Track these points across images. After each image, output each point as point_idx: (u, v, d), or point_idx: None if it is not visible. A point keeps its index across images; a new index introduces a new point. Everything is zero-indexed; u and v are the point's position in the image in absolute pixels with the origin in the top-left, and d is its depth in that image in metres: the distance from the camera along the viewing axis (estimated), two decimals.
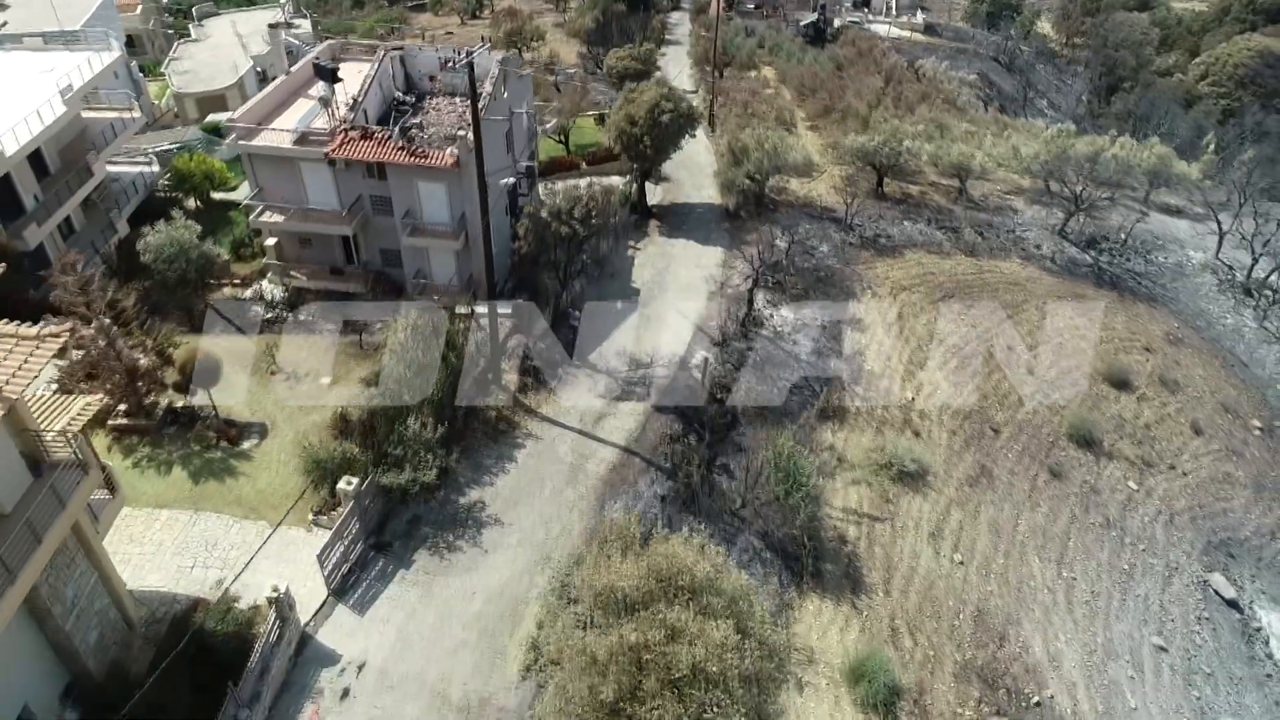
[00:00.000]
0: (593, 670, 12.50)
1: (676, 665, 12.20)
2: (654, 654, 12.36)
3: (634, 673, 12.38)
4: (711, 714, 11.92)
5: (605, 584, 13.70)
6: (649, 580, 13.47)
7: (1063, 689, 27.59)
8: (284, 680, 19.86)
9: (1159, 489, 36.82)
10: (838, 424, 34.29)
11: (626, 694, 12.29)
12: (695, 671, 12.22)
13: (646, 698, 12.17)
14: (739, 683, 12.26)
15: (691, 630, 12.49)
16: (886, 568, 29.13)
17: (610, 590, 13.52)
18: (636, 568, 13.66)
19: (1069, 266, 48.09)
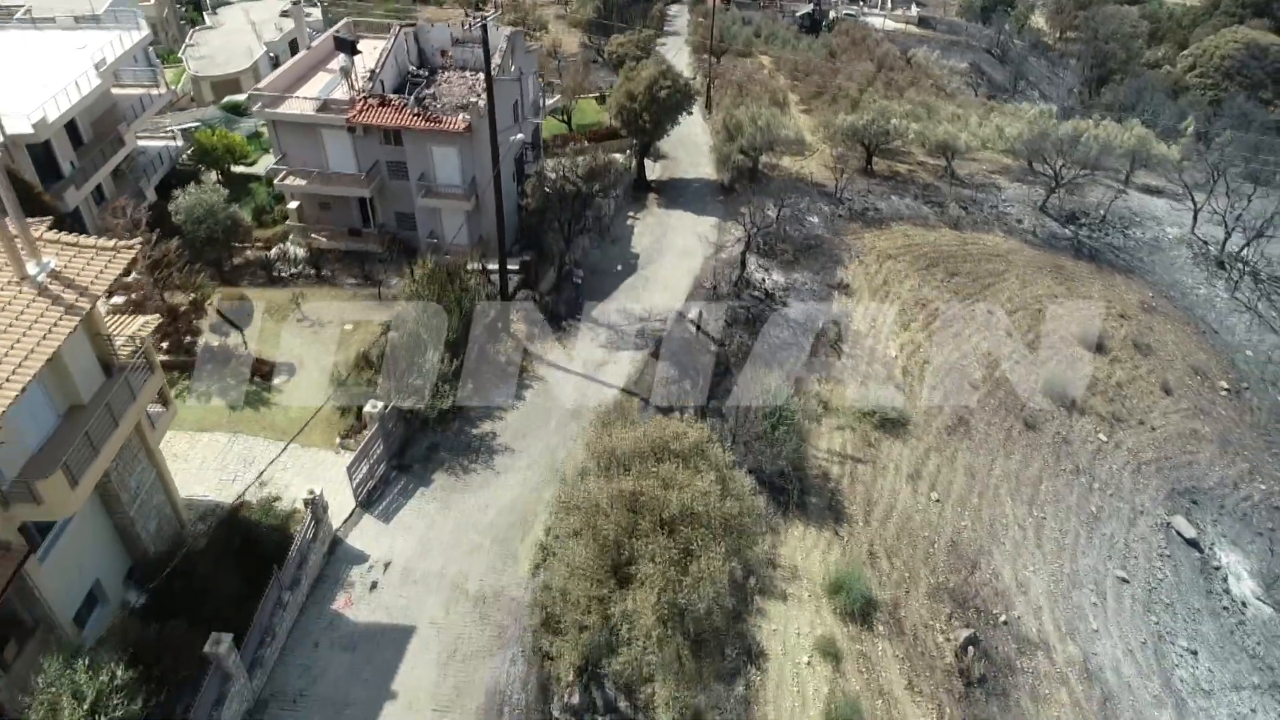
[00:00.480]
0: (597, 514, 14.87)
1: (668, 507, 14.57)
2: (648, 499, 14.72)
3: (631, 515, 14.74)
4: (697, 547, 14.27)
5: (605, 446, 16.07)
6: (644, 443, 15.84)
7: (1029, 611, 29.93)
8: (318, 574, 22.25)
9: (1128, 441, 39.21)
10: (824, 375, 36.65)
11: (625, 532, 14.65)
12: (683, 513, 14.58)
13: (642, 535, 14.53)
14: (721, 524, 14.61)
15: (681, 480, 14.84)
16: (867, 502, 31.47)
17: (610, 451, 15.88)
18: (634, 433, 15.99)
19: (1049, 240, 50.51)
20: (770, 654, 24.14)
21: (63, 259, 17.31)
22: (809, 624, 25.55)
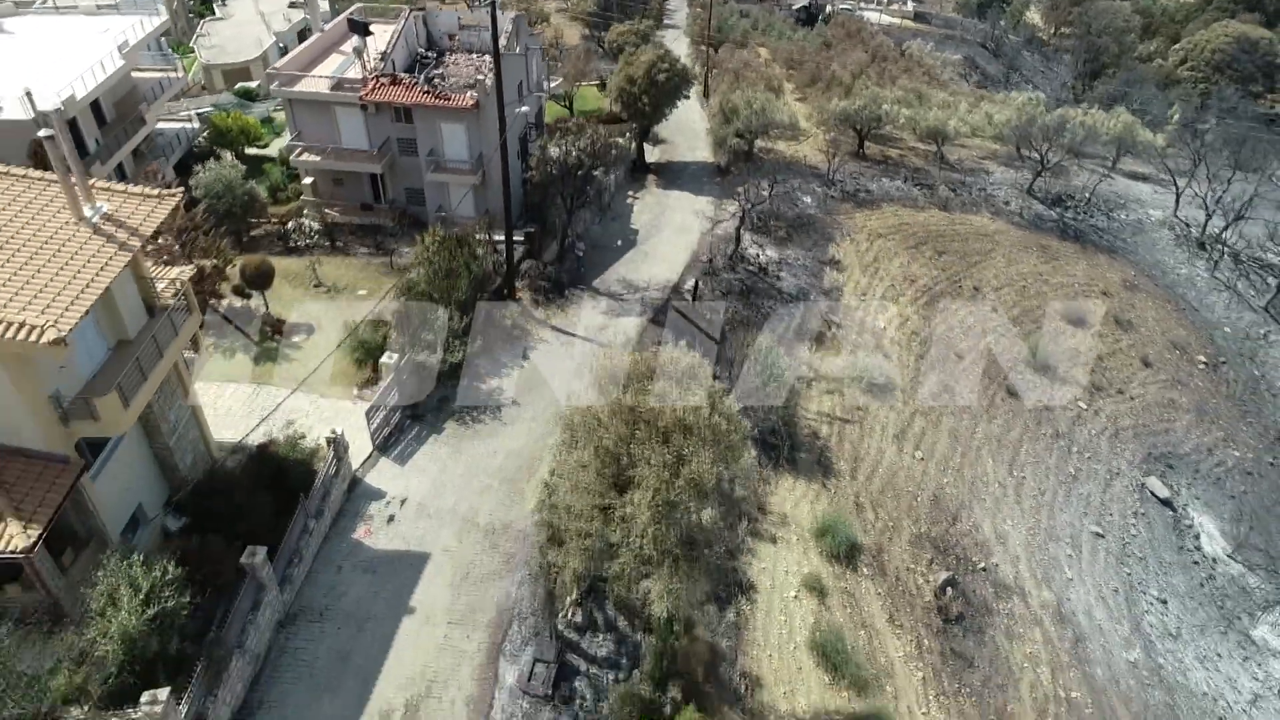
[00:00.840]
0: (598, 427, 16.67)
1: (662, 419, 16.36)
2: (645, 412, 16.51)
3: (629, 427, 16.54)
4: (688, 453, 16.06)
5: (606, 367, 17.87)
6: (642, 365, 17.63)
7: (1007, 560, 31.74)
8: (340, 508, 24.05)
9: (1107, 409, 41.02)
10: (815, 344, 38.46)
11: (624, 441, 16.44)
12: (676, 424, 16.38)
13: (639, 443, 16.33)
14: (710, 434, 16.39)
15: (673, 395, 16.64)
16: (854, 459, 33.27)
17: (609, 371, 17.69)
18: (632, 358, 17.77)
19: (1035, 221, 52.31)
20: (759, 588, 25.97)
21: (114, 204, 19.12)
22: (796, 563, 27.35)
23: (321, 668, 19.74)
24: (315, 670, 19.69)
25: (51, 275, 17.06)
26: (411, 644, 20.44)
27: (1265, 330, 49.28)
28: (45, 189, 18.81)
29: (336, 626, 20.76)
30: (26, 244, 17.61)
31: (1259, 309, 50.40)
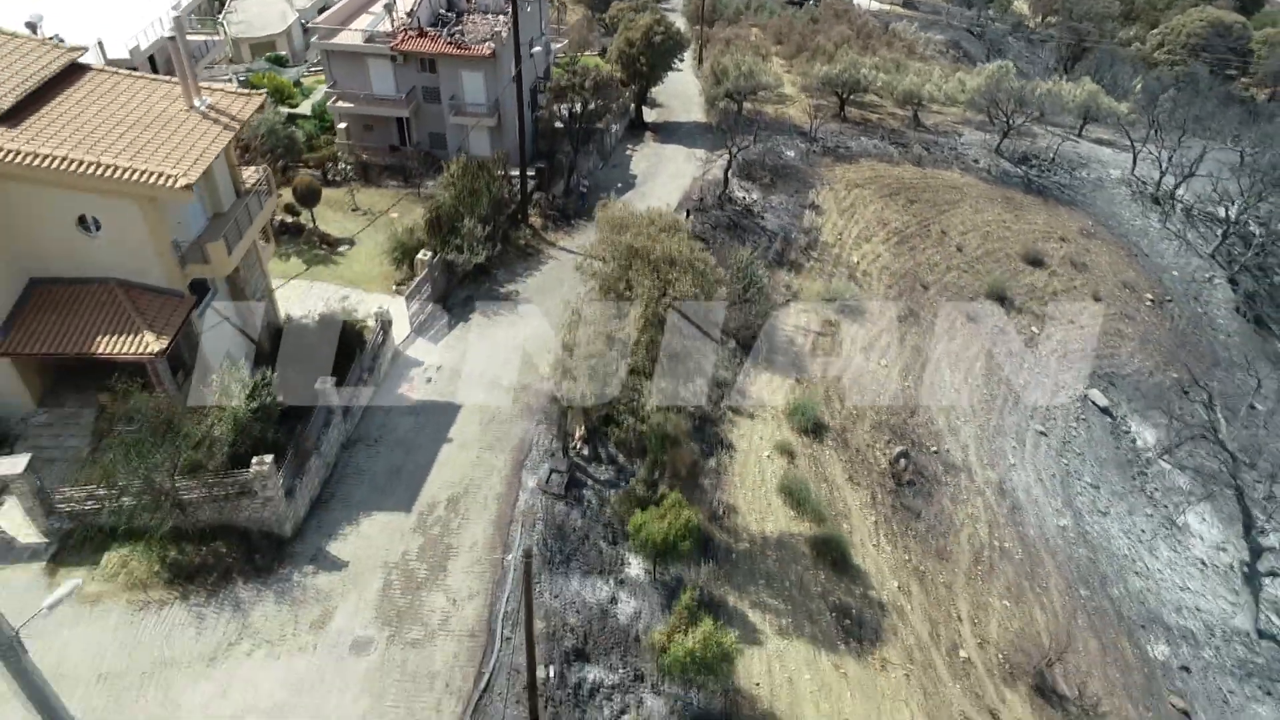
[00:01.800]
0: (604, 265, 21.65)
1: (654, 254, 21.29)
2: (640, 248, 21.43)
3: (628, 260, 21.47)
4: (672, 279, 21.02)
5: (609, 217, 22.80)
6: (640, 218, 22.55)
7: (957, 447, 36.67)
8: (386, 371, 28.99)
9: (1058, 335, 46.01)
10: (794, 272, 43.42)
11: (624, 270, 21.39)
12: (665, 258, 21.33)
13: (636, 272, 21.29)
14: (689, 266, 21.33)
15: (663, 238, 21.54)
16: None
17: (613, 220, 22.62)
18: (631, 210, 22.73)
19: (1002, 177, 57.33)
20: (738, 448, 30.88)
21: (215, 98, 24.13)
22: (770, 433, 32.26)
23: (379, 476, 24.68)
24: (374, 478, 24.62)
25: (174, 146, 22.03)
26: (450, 461, 25.39)
27: (1210, 274, 54.30)
28: (164, 85, 23.82)
29: (389, 449, 25.69)
30: (152, 124, 22.59)
31: (1205, 255, 55.43)
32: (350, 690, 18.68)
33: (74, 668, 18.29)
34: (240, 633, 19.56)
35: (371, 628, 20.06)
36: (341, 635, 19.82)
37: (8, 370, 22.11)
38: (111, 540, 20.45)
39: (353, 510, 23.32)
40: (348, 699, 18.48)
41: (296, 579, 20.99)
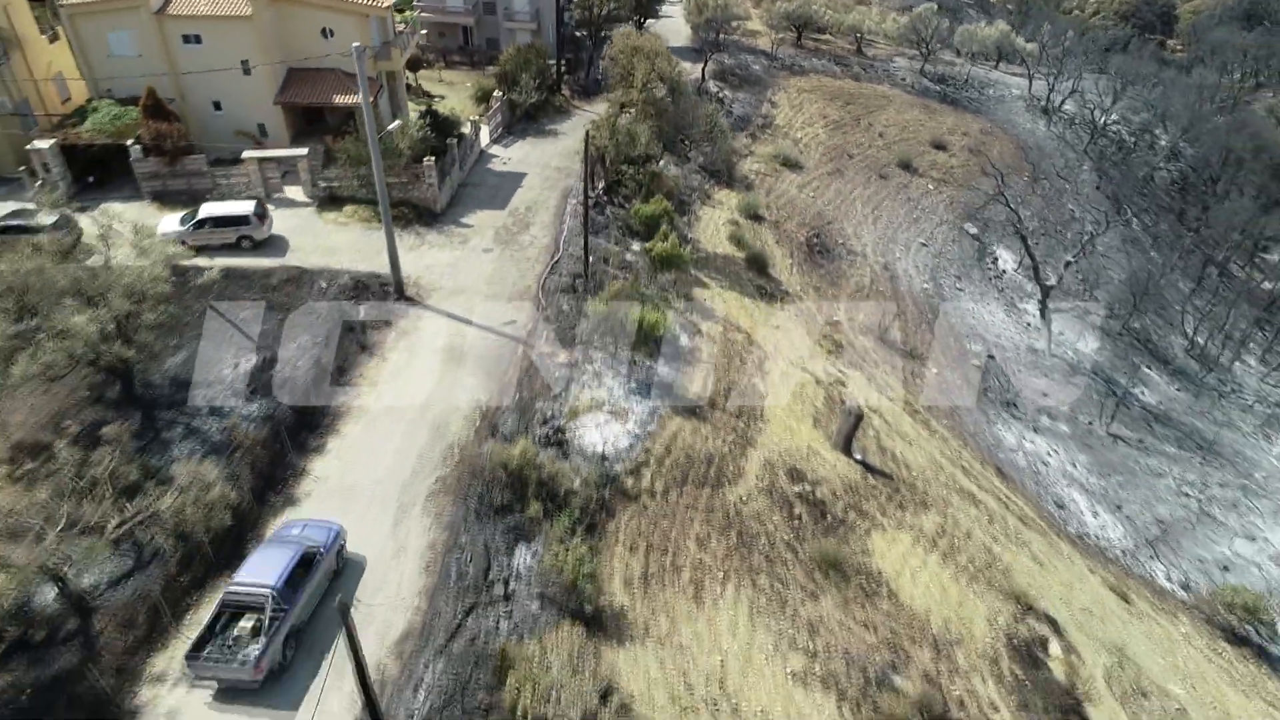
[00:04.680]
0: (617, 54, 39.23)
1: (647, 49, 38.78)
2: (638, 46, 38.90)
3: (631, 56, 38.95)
4: (657, 63, 38.46)
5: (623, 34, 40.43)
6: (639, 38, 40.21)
7: (859, 244, 54.20)
8: (477, 157, 46.49)
9: (947, 192, 63.64)
10: (753, 140, 61.04)
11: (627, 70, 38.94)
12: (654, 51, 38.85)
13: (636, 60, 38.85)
14: (672, 80, 38.78)
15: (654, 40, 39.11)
16: (768, 191, 55.70)
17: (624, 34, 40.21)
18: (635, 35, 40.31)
19: (923, 91, 75.13)
20: (702, 219, 48.30)
21: None
22: (725, 215, 49.75)
23: (483, 197, 42.18)
24: (480, 198, 42.13)
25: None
26: (523, 193, 42.95)
27: (1082, 164, 72.01)
28: None
29: (487, 189, 43.23)
30: None
31: (1079, 151, 73.15)
32: (485, 264, 36.18)
33: (337, 249, 35.65)
34: (421, 242, 37.10)
35: (493, 245, 37.62)
36: (476, 247, 37.38)
37: (279, 116, 39.72)
38: (345, 202, 37.99)
39: (471, 208, 40.89)
40: (485, 265, 35.98)
41: (447, 227, 38.57)
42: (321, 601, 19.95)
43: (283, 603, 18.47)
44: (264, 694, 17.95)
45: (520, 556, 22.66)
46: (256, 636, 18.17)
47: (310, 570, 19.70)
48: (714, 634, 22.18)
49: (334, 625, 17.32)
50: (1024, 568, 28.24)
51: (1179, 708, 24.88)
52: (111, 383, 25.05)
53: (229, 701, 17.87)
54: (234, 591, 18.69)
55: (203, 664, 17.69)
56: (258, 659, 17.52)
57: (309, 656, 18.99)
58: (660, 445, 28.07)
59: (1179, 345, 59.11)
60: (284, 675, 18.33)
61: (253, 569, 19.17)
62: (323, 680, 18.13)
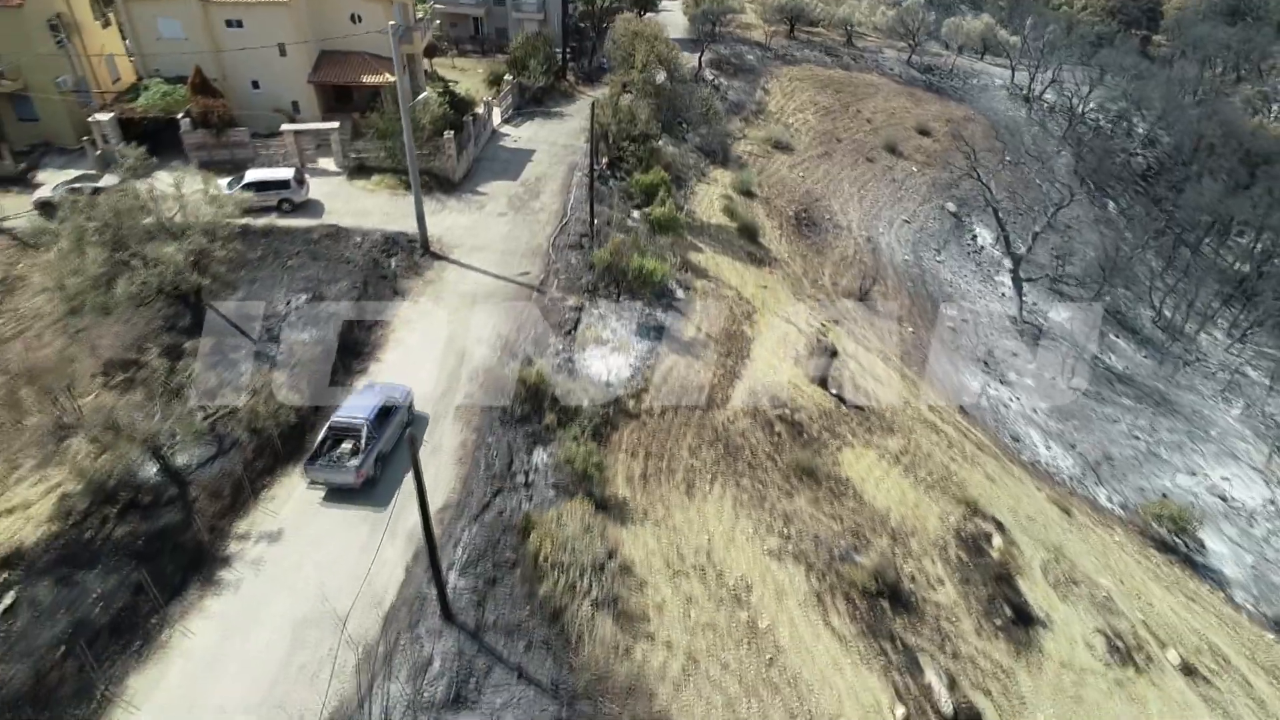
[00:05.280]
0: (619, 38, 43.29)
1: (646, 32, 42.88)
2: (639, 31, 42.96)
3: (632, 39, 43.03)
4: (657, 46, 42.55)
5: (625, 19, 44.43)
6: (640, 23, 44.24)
7: (845, 222, 58.34)
8: (490, 135, 50.62)
9: (930, 173, 67.78)
10: (746, 124, 65.20)
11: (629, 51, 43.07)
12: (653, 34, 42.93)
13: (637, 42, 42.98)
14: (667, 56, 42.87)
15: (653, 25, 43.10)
16: (760, 170, 59.84)
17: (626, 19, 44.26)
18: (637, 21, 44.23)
19: (909, 80, 79.32)
20: (697, 193, 52.42)
21: None
22: (719, 191, 53.88)
23: (496, 170, 46.30)
24: (494, 170, 46.24)
25: None
26: (533, 167, 47.09)
27: (1060, 149, 76.18)
28: None
29: (500, 163, 47.35)
30: None
31: (1056, 138, 77.32)
32: (500, 226, 40.30)
33: (368, 211, 39.70)
34: (442, 207, 41.22)
35: (506, 210, 41.76)
36: (491, 211, 41.52)
37: (311, 94, 43.89)
38: (373, 171, 42.13)
39: (486, 179, 45.03)
40: (500, 227, 40.11)
41: (464, 195, 42.72)
42: (398, 442, 24.85)
43: (373, 431, 24.22)
44: (361, 497, 23.93)
45: (538, 456, 26.78)
46: (355, 455, 23.81)
47: (391, 414, 25.19)
48: (702, 520, 26.29)
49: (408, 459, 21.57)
50: (977, 482, 32.36)
51: (1106, 595, 28.98)
52: (183, 314, 29.18)
53: (337, 502, 23.91)
54: (337, 421, 24.46)
55: (317, 470, 23.65)
56: (357, 469, 23.50)
57: (392, 477, 24.59)
58: (658, 376, 32.17)
59: (1147, 317, 63.25)
60: (375, 486, 24.29)
61: (349, 407, 24.80)
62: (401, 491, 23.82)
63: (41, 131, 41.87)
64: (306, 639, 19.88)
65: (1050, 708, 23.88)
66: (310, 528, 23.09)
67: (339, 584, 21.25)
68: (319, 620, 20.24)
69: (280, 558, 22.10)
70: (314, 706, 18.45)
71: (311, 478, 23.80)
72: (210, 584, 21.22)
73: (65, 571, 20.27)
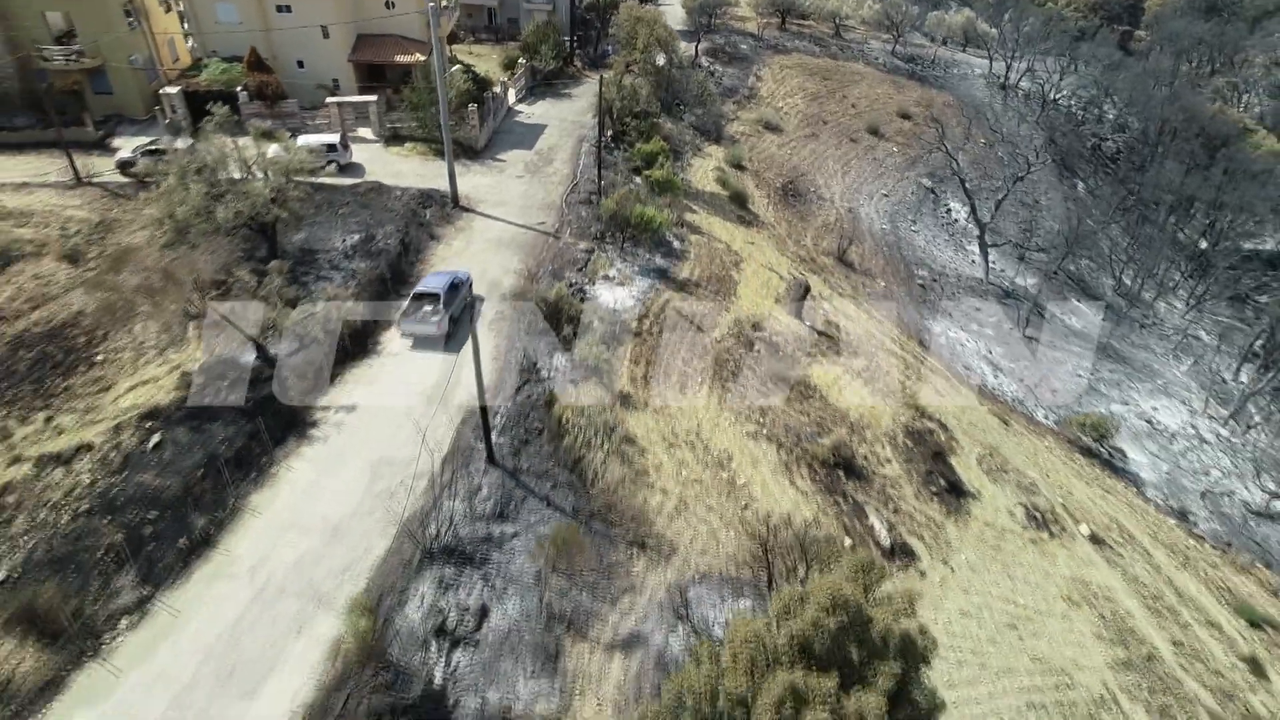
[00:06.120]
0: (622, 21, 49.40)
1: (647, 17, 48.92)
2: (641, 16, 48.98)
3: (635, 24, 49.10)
4: (656, 30, 48.57)
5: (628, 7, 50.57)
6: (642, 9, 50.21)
7: (829, 194, 64.39)
8: (506, 112, 56.64)
9: (910, 154, 73.86)
10: (739, 107, 71.29)
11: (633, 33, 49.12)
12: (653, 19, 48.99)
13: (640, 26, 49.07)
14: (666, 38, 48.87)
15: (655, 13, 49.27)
16: (751, 148, 65.91)
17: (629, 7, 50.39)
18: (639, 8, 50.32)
19: (893, 69, 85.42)
20: (693, 165, 58.44)
21: None
22: (713, 164, 59.90)
23: (513, 141, 52.34)
24: (510, 141, 52.29)
25: None
26: (546, 138, 53.16)
27: (1031, 133, 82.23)
28: None
29: (516, 135, 53.42)
30: None
31: (1031, 123, 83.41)
32: (518, 186, 46.32)
33: (403, 173, 45.69)
34: (467, 170, 47.24)
35: (523, 173, 47.80)
36: (510, 174, 47.56)
37: (350, 72, 49.97)
38: (406, 139, 48.16)
39: (504, 148, 51.08)
40: (519, 187, 46.13)
41: (486, 160, 48.76)
42: (463, 310, 33.10)
43: (447, 297, 32.01)
44: (440, 346, 31.54)
45: (557, 359, 32.75)
46: (436, 314, 31.44)
47: (458, 289, 33.32)
48: (693, 410, 32.26)
49: None
50: (927, 395, 38.35)
51: (1031, 482, 34.98)
52: (259, 246, 35.17)
53: (421, 349, 31.70)
54: (420, 289, 32.60)
55: (408, 323, 31.56)
56: (437, 323, 31.38)
57: (458, 336, 31.96)
58: (657, 306, 38.15)
59: (1108, 286, 69.31)
60: (448, 341, 31.83)
61: (428, 281, 33.38)
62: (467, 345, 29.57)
63: (115, 104, 47.89)
64: (383, 473, 25.88)
65: (972, 552, 29.87)
66: (399, 368, 29.58)
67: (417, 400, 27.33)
68: (391, 461, 26.25)
69: (355, 423, 28.09)
70: (393, 517, 24.42)
71: (403, 330, 31.57)
72: (304, 438, 27.23)
73: (195, 423, 26.27)
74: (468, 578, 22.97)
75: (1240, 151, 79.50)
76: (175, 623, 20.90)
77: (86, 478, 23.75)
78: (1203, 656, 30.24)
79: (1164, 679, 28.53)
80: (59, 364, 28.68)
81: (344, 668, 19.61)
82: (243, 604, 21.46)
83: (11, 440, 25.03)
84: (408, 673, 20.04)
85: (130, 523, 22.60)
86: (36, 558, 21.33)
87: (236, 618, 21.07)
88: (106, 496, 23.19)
